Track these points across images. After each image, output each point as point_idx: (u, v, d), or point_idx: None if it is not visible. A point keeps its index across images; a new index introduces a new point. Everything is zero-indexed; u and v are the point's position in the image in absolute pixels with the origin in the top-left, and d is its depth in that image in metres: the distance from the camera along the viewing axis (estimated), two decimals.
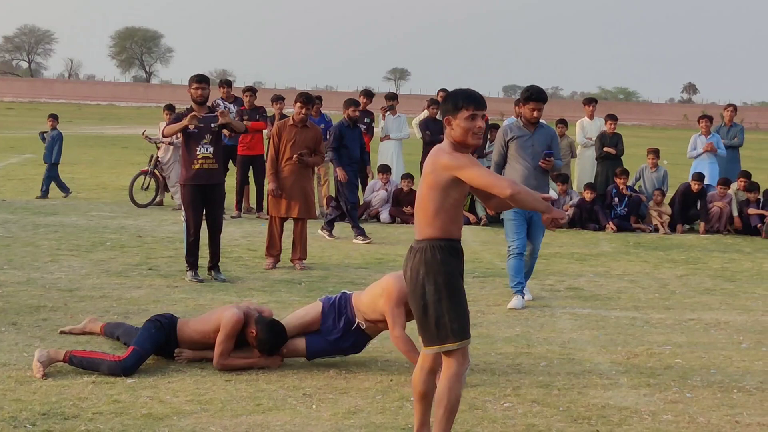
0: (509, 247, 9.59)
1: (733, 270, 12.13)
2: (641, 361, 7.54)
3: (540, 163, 9.44)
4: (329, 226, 14.00)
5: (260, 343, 6.94)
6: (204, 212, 10.32)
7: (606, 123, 17.08)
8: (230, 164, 15.67)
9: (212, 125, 10.17)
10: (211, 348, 6.98)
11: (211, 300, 9.21)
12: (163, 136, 12.01)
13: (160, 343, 7.02)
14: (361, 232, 13.64)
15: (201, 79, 10.35)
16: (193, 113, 10.08)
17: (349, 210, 13.79)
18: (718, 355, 7.72)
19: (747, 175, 16.29)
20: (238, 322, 6.92)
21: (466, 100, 5.07)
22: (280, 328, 6.99)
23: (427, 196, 5.11)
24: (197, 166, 10.15)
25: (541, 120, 9.67)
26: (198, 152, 10.14)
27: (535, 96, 9.39)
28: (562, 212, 5.40)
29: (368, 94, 17.39)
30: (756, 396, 6.65)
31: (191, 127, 10.06)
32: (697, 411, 6.29)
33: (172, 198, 16.44)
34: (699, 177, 16.07)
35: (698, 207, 15.98)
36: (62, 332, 7.73)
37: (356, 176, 14.21)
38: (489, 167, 9.04)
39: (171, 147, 16.22)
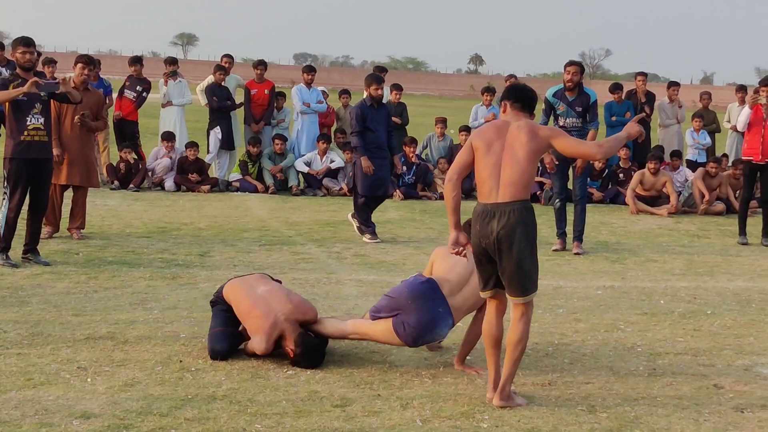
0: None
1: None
2: None
3: None
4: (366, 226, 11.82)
5: (295, 362, 6.45)
6: (29, 189, 9.40)
7: (391, 92, 17.23)
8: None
9: (42, 94, 9.33)
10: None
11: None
12: None
13: (225, 312, 6.75)
14: (371, 231, 11.72)
15: (29, 42, 9.41)
16: (34, 79, 9.20)
17: (359, 203, 11.82)
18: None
19: None
20: (263, 352, 6.46)
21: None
22: (320, 352, 6.52)
23: (526, 161, 5.65)
24: (28, 138, 9.25)
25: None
26: (28, 123, 9.23)
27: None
28: (635, 125, 6.10)
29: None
30: (530, 356, 6.83)
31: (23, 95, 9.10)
32: (476, 373, 6.42)
33: None
34: None
35: None
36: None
37: (383, 165, 11.81)
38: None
39: None
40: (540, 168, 14.67)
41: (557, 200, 11.46)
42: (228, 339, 6.61)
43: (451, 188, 5.92)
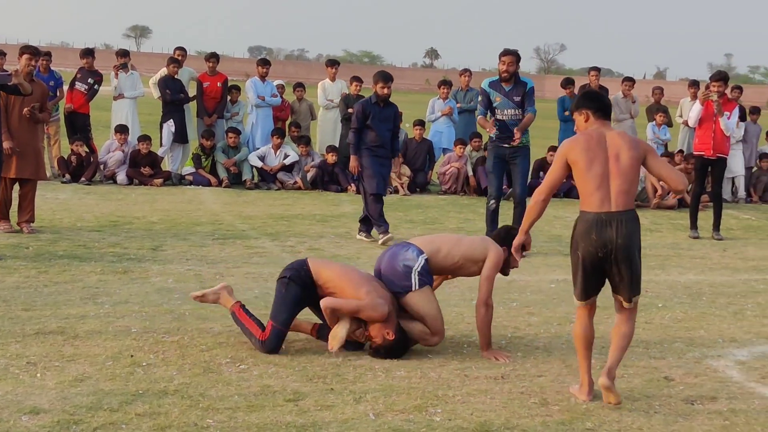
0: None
1: (467, 229, 12.53)
2: None
3: None
4: (365, 227, 11.59)
5: (380, 350, 6.49)
6: None
7: (351, 84, 17.19)
8: None
9: None
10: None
11: None
12: None
13: (298, 301, 6.61)
14: (384, 229, 11.32)
15: None
16: None
17: (368, 201, 11.39)
18: (451, 312, 7.91)
19: (480, 136, 16.89)
20: (381, 317, 6.45)
21: None
22: (407, 348, 6.61)
23: (631, 171, 5.77)
24: None
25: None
26: None
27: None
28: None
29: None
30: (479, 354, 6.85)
31: None
32: (429, 366, 6.42)
33: None
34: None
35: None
36: (195, 297, 7.00)
37: (384, 164, 11.52)
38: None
39: None
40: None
41: (492, 201, 11.05)
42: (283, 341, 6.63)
43: (540, 209, 6.05)
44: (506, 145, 10.81)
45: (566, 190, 16.35)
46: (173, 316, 7.42)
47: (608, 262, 5.73)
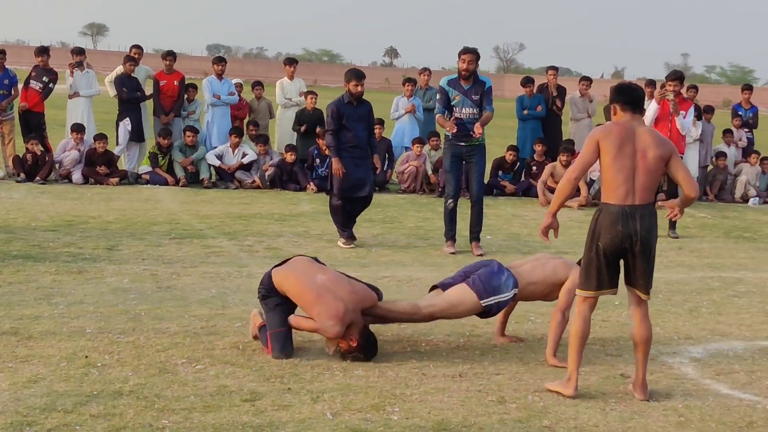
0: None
1: (426, 228, 12.54)
2: None
3: None
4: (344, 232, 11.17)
5: (347, 356, 6.47)
6: None
7: (307, 98, 17.09)
8: None
9: None
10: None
11: None
12: None
13: (278, 304, 6.64)
14: (348, 237, 11.09)
15: None
16: None
17: (334, 205, 11.16)
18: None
19: (438, 135, 16.90)
20: (335, 336, 6.42)
21: None
22: (376, 345, 6.57)
23: (657, 166, 5.89)
24: None
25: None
26: None
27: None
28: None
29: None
30: (442, 348, 6.87)
31: None
32: (387, 365, 6.41)
33: None
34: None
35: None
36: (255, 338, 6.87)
37: (362, 165, 11.09)
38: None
39: None
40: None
41: (450, 200, 11.00)
42: (291, 339, 6.60)
43: (571, 188, 6.09)
44: (463, 144, 10.81)
45: (525, 188, 16.42)
46: (129, 316, 7.35)
47: (630, 254, 5.92)
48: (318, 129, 16.10)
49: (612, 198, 5.92)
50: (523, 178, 16.76)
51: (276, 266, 6.86)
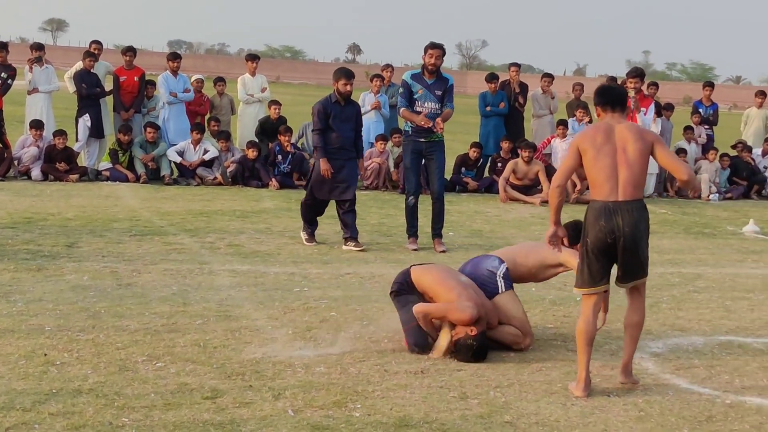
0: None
1: (389, 225, 12.54)
2: (298, 315, 7.59)
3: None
4: (349, 233, 10.81)
5: (459, 346, 6.52)
6: None
7: (270, 107, 17.03)
8: None
9: None
10: None
11: None
12: None
13: (413, 303, 6.80)
14: (311, 234, 10.93)
15: None
16: None
17: (307, 204, 10.91)
18: (372, 307, 7.92)
19: (401, 132, 16.87)
20: (468, 319, 6.51)
21: None
22: (485, 356, 6.61)
23: (639, 160, 5.97)
24: None
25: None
26: None
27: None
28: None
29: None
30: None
31: None
32: (349, 362, 6.40)
33: None
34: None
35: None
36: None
37: (345, 167, 10.77)
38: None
39: None
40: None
41: (410, 197, 10.94)
42: (423, 332, 6.71)
43: (558, 193, 6.19)
44: (423, 140, 10.81)
45: (487, 185, 16.46)
46: (88, 314, 7.28)
47: (616, 249, 5.96)
48: (281, 127, 16.09)
49: (597, 195, 6.03)
50: (486, 175, 16.80)
51: (414, 265, 7.12)
